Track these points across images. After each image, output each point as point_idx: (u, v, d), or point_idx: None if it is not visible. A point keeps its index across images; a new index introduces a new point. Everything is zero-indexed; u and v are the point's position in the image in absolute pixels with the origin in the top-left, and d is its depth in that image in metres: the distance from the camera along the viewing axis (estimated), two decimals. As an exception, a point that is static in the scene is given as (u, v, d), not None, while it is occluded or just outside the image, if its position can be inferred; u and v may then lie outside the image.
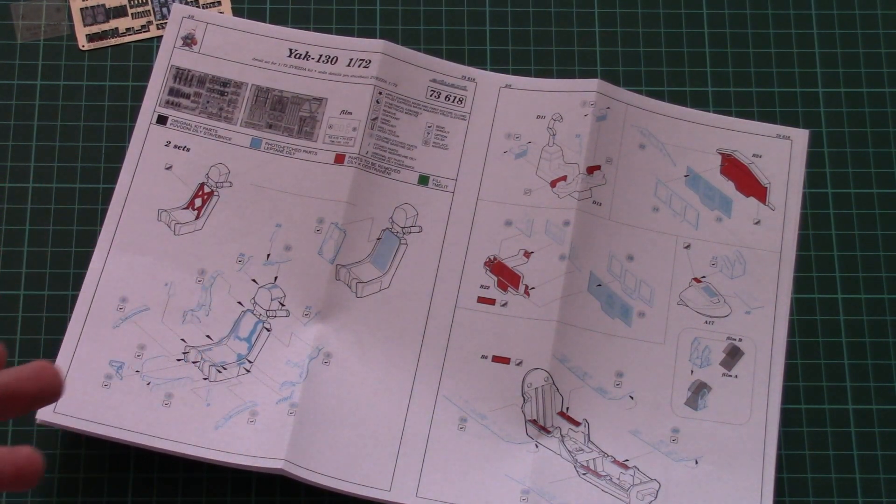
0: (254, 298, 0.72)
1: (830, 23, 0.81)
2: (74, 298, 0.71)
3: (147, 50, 0.78)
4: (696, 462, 0.69)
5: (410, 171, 0.75)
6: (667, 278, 0.73)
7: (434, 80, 0.77)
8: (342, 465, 0.68)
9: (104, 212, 0.73)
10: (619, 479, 0.69)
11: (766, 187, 0.75)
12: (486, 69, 0.78)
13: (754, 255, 0.74)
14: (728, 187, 0.75)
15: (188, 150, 0.74)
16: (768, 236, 0.74)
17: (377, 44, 0.76)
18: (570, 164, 0.74)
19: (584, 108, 0.75)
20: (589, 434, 0.70)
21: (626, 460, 0.69)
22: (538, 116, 0.76)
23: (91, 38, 0.78)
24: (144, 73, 0.77)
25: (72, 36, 0.78)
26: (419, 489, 0.68)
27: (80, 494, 0.69)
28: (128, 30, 0.78)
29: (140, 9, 0.79)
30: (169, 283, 0.72)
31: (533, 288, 0.72)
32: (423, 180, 0.75)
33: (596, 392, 0.71)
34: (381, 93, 0.75)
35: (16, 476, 0.48)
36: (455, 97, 0.77)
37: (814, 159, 0.78)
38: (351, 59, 0.76)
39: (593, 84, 0.75)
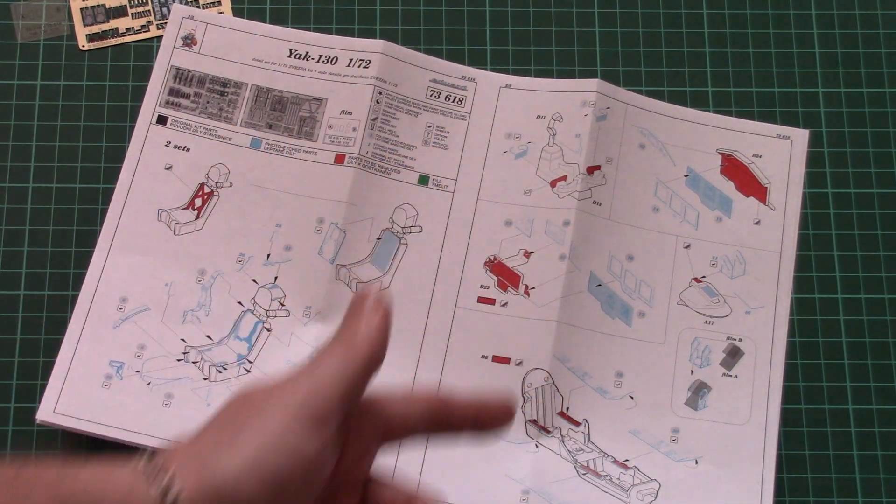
0: (254, 298, 0.72)
1: (830, 23, 0.80)
2: (74, 298, 0.71)
3: (147, 50, 0.78)
4: (696, 462, 0.69)
5: (410, 171, 0.75)
6: (667, 278, 0.73)
7: (434, 80, 0.77)
8: (342, 465, 0.68)
9: (104, 212, 0.73)
10: (619, 479, 0.69)
11: (766, 187, 0.75)
12: (486, 69, 0.78)
13: (754, 255, 0.74)
14: (728, 187, 0.75)
15: (188, 150, 0.74)
16: (768, 236, 0.74)
17: (377, 44, 0.76)
18: (570, 164, 0.74)
19: (584, 108, 0.75)
20: (589, 434, 0.70)
21: (626, 460, 0.69)
22: (538, 116, 0.76)
23: (91, 38, 0.78)
24: (144, 73, 0.77)
25: (72, 36, 0.78)
26: (419, 489, 0.68)
27: (80, 494, 0.69)
28: (128, 30, 0.78)
29: (140, 9, 0.79)
30: (169, 283, 0.72)
31: (533, 288, 0.72)
32: (423, 180, 0.75)
33: (596, 392, 0.71)
34: (381, 93, 0.75)
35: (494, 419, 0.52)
36: (455, 97, 0.76)
37: (814, 159, 0.78)
38: (351, 60, 0.76)
39: (593, 84, 0.75)
